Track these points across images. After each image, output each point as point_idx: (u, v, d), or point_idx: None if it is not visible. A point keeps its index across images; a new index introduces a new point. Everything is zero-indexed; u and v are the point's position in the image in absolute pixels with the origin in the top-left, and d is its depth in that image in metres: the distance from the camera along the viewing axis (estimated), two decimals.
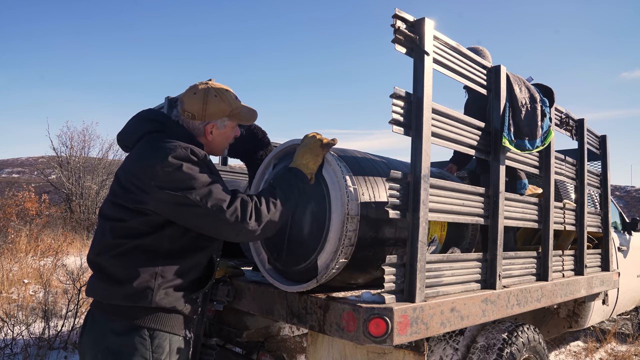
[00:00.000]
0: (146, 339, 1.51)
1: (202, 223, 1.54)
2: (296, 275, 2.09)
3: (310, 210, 2.02)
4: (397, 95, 1.91)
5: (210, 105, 1.70)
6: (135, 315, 1.52)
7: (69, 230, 12.11)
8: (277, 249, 2.16)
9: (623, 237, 4.69)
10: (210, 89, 1.73)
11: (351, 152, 2.25)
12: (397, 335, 1.78)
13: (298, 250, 2.06)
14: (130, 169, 1.57)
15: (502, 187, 2.39)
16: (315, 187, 1.97)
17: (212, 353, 2.45)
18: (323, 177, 1.99)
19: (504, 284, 2.45)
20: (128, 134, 1.73)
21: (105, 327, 1.52)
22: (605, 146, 3.79)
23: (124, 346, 1.50)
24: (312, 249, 1.99)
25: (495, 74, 2.44)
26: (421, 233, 1.91)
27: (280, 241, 2.12)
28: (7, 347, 4.03)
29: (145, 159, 1.55)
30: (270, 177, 2.27)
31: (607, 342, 5.17)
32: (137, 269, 1.51)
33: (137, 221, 1.54)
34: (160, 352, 1.53)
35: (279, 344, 2.88)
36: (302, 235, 2.05)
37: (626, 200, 15.33)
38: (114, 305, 1.52)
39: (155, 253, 1.55)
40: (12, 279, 6.63)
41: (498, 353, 2.51)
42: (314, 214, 2.02)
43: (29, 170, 30.84)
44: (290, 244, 2.09)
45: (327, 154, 1.96)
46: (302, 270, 2.05)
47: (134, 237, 1.54)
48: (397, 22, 1.89)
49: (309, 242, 2.01)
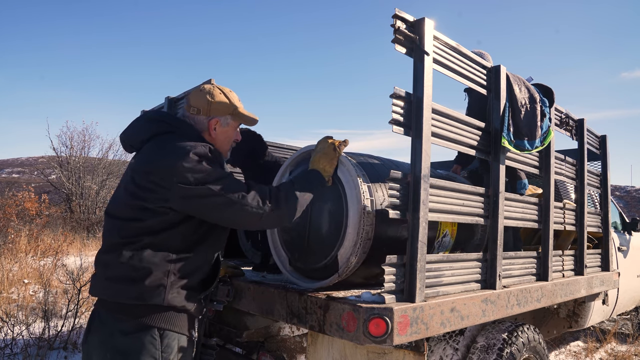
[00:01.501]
0: (156, 338, 1.52)
1: (225, 213, 1.60)
2: (318, 272, 2.20)
3: (328, 209, 2.16)
4: (397, 95, 1.91)
5: (216, 101, 1.76)
6: (144, 314, 1.52)
7: (69, 230, 12.10)
8: (298, 249, 2.29)
9: (623, 237, 4.69)
10: (216, 87, 1.80)
11: (362, 155, 2.39)
12: (397, 335, 1.78)
13: (318, 248, 2.19)
14: (151, 169, 1.59)
15: (502, 187, 2.39)
16: (331, 187, 2.07)
17: (212, 353, 2.45)
18: (338, 177, 2.10)
19: (504, 284, 2.45)
20: (135, 134, 1.74)
21: (113, 327, 1.52)
22: (605, 146, 3.79)
23: (133, 346, 1.50)
24: (332, 245, 2.11)
25: (495, 74, 2.44)
26: (421, 233, 1.91)
27: (300, 241, 2.26)
28: (7, 347, 4.03)
29: (167, 158, 1.58)
30: None
31: (607, 342, 5.17)
32: (149, 267, 1.52)
33: (155, 220, 1.56)
34: (169, 352, 1.54)
35: (279, 344, 2.88)
36: (321, 234, 2.19)
37: (626, 200, 15.34)
38: (121, 304, 1.52)
39: (167, 250, 1.56)
40: (12, 279, 6.63)
41: (498, 353, 2.51)
42: (331, 212, 2.15)
43: (29, 170, 30.84)
44: (310, 243, 2.22)
45: (341, 155, 2.06)
46: (323, 267, 2.16)
47: (147, 235, 1.56)
48: (397, 22, 1.89)
49: (329, 239, 2.14)
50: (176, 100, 3.25)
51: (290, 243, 2.34)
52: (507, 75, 2.48)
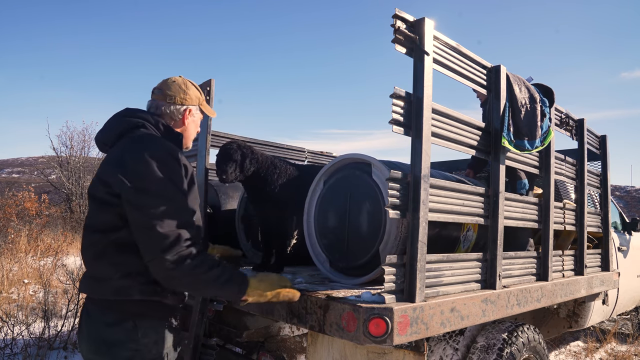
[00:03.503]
0: (135, 328, 1.57)
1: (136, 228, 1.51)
2: (358, 270, 2.38)
3: (366, 210, 2.36)
4: (397, 95, 1.91)
5: (190, 90, 1.80)
6: (123, 307, 1.57)
7: (69, 230, 12.09)
8: (338, 251, 2.50)
9: (623, 237, 4.69)
10: (184, 78, 1.84)
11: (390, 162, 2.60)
12: (397, 335, 1.78)
13: (358, 247, 2.38)
14: (112, 164, 1.58)
15: (502, 187, 2.39)
16: (367, 190, 2.32)
17: (212, 353, 2.46)
18: (373, 180, 2.32)
19: (504, 284, 2.44)
20: (107, 132, 1.73)
21: (99, 320, 1.58)
22: (605, 146, 3.79)
23: (116, 336, 1.56)
24: (373, 241, 2.30)
25: (495, 74, 2.44)
26: (421, 233, 1.91)
27: (340, 243, 2.48)
28: (7, 347, 4.03)
29: (126, 151, 1.57)
30: (321, 193, 2.65)
31: (607, 342, 5.17)
32: (115, 266, 1.55)
33: (115, 217, 1.54)
34: (149, 340, 1.59)
35: (279, 344, 2.88)
36: (361, 232, 2.39)
37: (626, 200, 15.32)
38: (104, 300, 1.58)
39: (130, 247, 1.55)
40: (12, 279, 6.63)
41: (498, 353, 2.51)
42: (369, 212, 2.32)
43: (29, 170, 30.84)
44: (349, 243, 2.43)
45: (373, 159, 2.31)
46: (364, 263, 2.31)
47: (112, 231, 1.55)
48: (397, 22, 1.89)
49: (369, 236, 2.33)
50: None
51: (330, 246, 2.56)
52: (507, 75, 2.48)
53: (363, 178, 2.40)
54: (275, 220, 2.91)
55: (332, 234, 2.54)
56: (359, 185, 2.42)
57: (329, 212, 2.57)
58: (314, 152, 5.03)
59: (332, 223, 2.55)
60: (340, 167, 2.58)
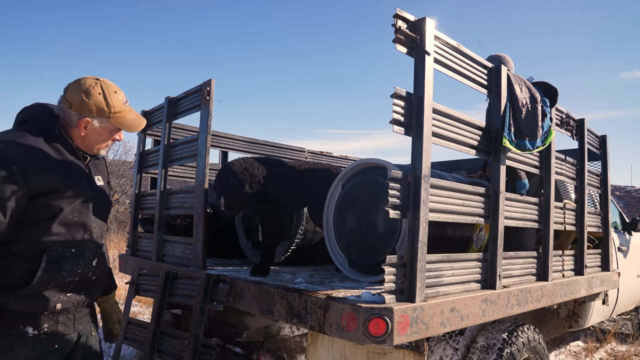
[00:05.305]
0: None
1: None
2: (375, 268, 2.51)
3: (383, 211, 2.43)
4: (398, 95, 1.91)
5: (91, 101, 1.62)
6: None
7: None
8: (356, 250, 2.64)
9: (623, 237, 4.69)
10: (98, 85, 1.65)
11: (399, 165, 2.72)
12: (397, 335, 1.78)
13: (376, 246, 2.52)
14: None
15: (502, 187, 2.39)
16: (382, 192, 2.26)
17: (212, 353, 2.45)
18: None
19: (504, 284, 2.44)
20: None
21: None
22: (605, 146, 3.79)
23: None
24: (391, 239, 2.45)
25: (495, 74, 2.44)
26: (421, 233, 1.91)
27: (358, 243, 2.61)
28: None
29: None
30: (340, 195, 2.79)
31: (607, 342, 5.17)
32: None
33: None
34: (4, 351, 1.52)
35: (279, 344, 2.88)
36: (378, 232, 2.53)
37: (626, 200, 15.32)
38: None
39: None
40: None
41: (498, 353, 2.52)
42: (385, 212, 2.25)
43: None
44: (367, 243, 2.57)
45: (389, 164, 2.48)
46: (382, 261, 2.38)
47: None
48: (398, 22, 1.88)
49: (387, 234, 2.47)
50: (176, 100, 3.25)
51: (349, 246, 2.69)
52: (507, 75, 2.48)
53: (379, 181, 2.55)
54: (274, 221, 2.93)
55: (352, 235, 2.67)
56: (375, 188, 2.57)
57: (347, 214, 2.73)
58: (314, 152, 5.03)
59: (351, 224, 2.69)
60: (357, 172, 2.75)
